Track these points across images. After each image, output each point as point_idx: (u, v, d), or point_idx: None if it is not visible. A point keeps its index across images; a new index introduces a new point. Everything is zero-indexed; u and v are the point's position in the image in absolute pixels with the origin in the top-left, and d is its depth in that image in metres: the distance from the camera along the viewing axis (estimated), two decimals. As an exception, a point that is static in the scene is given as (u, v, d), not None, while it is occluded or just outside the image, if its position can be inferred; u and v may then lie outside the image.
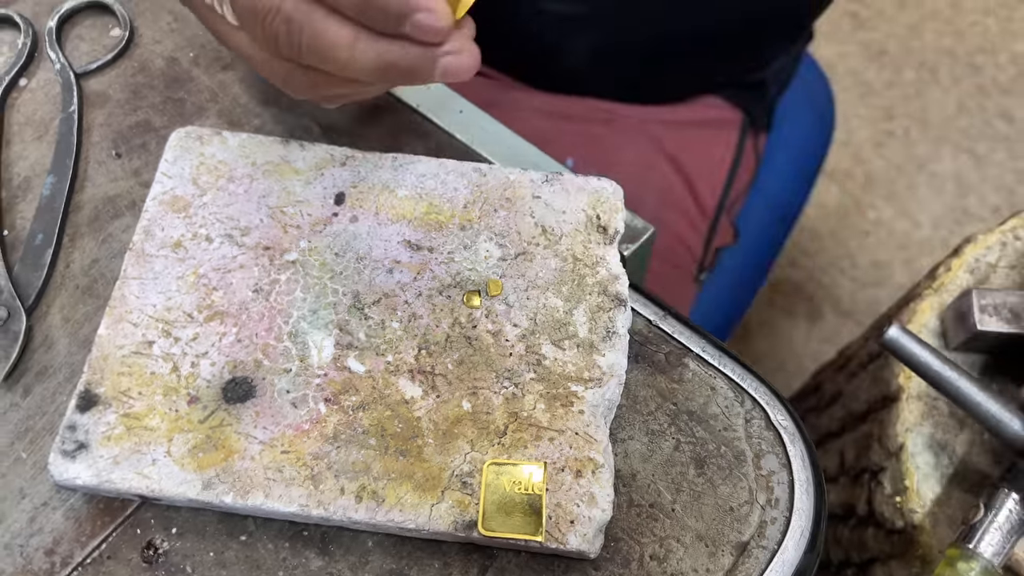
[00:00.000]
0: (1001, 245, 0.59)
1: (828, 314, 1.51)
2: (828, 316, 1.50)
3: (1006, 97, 1.70)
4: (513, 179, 0.41)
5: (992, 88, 1.71)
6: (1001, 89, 1.71)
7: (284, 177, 0.41)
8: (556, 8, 0.63)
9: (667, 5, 0.63)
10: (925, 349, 0.45)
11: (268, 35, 0.31)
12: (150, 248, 0.39)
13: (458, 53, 0.32)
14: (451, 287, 0.39)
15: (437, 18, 0.29)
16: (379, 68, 0.31)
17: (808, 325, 1.50)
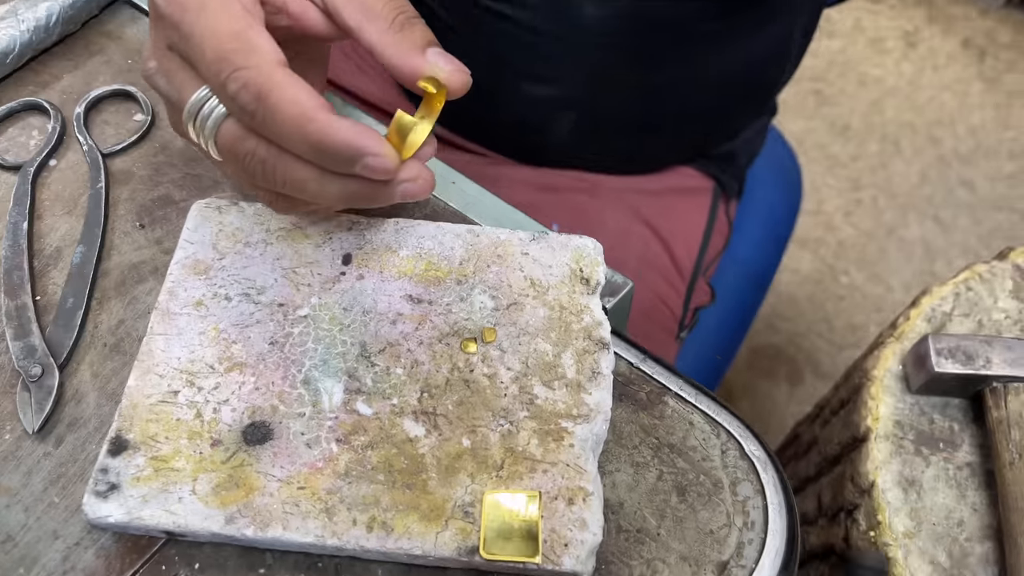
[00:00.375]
0: (955, 295, 0.63)
1: (808, 376, 1.55)
2: (808, 378, 1.55)
3: (966, 167, 1.78)
4: (503, 239, 0.45)
5: (952, 158, 1.80)
6: (961, 159, 1.79)
7: (296, 241, 0.45)
8: (536, 91, 0.69)
9: (641, 89, 0.69)
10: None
11: (247, 172, 0.37)
12: (174, 307, 0.43)
13: (413, 180, 0.38)
14: (449, 335, 0.42)
15: (384, 161, 0.35)
16: (345, 197, 0.37)
17: (789, 388, 1.54)
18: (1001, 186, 1.75)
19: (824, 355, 1.58)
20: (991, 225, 1.71)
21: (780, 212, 1.01)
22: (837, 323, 1.61)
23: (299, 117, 0.33)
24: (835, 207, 1.73)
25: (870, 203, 1.74)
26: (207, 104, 0.36)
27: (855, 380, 0.64)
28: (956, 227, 1.71)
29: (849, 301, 1.63)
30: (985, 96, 1.87)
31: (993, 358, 0.56)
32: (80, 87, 0.53)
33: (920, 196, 1.74)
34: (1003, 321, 0.62)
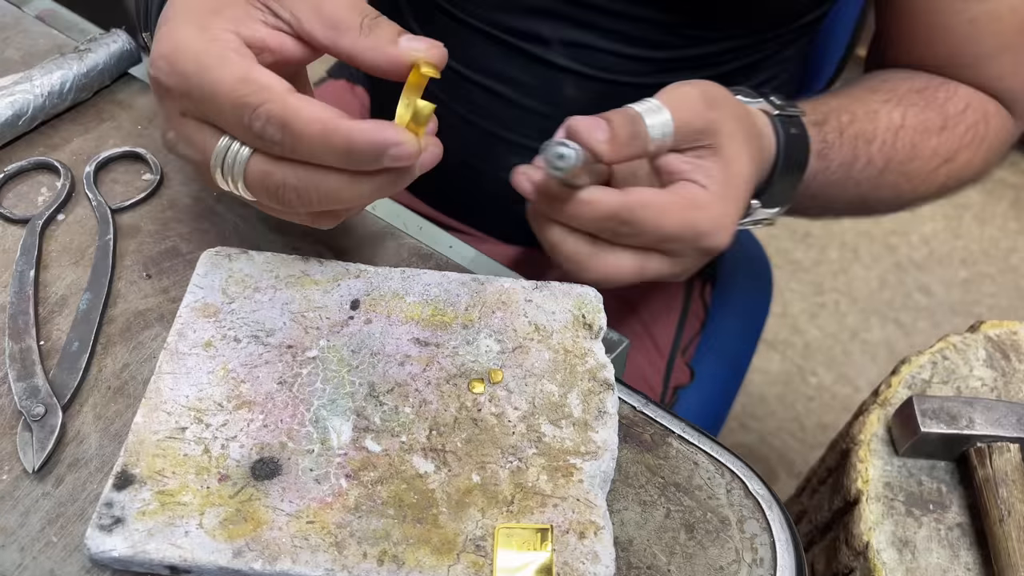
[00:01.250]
0: (932, 364, 0.65)
1: (782, 476, 1.55)
2: (782, 478, 1.55)
3: (922, 273, 1.86)
4: (507, 287, 0.47)
5: (908, 265, 1.87)
6: (916, 266, 1.87)
7: (305, 287, 0.46)
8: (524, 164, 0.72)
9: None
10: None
11: (282, 203, 0.39)
12: (183, 347, 0.43)
13: (425, 151, 0.40)
14: (457, 376, 0.43)
15: (407, 148, 0.36)
16: (377, 191, 0.39)
17: (764, 488, 1.54)
18: (956, 291, 1.82)
19: (796, 454, 1.59)
20: (950, 328, 1.76)
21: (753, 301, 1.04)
22: (807, 423, 1.63)
23: (323, 132, 0.35)
24: (800, 310, 1.77)
25: (833, 307, 1.79)
26: (230, 151, 0.38)
27: (841, 447, 0.65)
28: (916, 330, 1.76)
29: (818, 401, 1.65)
30: (935, 208, 1.97)
31: (976, 418, 0.57)
32: (90, 149, 0.55)
33: (880, 300, 1.80)
34: (980, 388, 0.64)
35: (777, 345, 1.71)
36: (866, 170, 0.58)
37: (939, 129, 0.60)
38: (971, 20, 0.58)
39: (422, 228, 0.57)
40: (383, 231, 0.52)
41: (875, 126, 0.57)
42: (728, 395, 0.96)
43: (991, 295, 1.81)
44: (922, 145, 0.59)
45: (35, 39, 0.62)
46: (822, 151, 0.55)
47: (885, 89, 0.60)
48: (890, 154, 0.58)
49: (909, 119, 0.58)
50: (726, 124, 0.44)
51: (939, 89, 0.61)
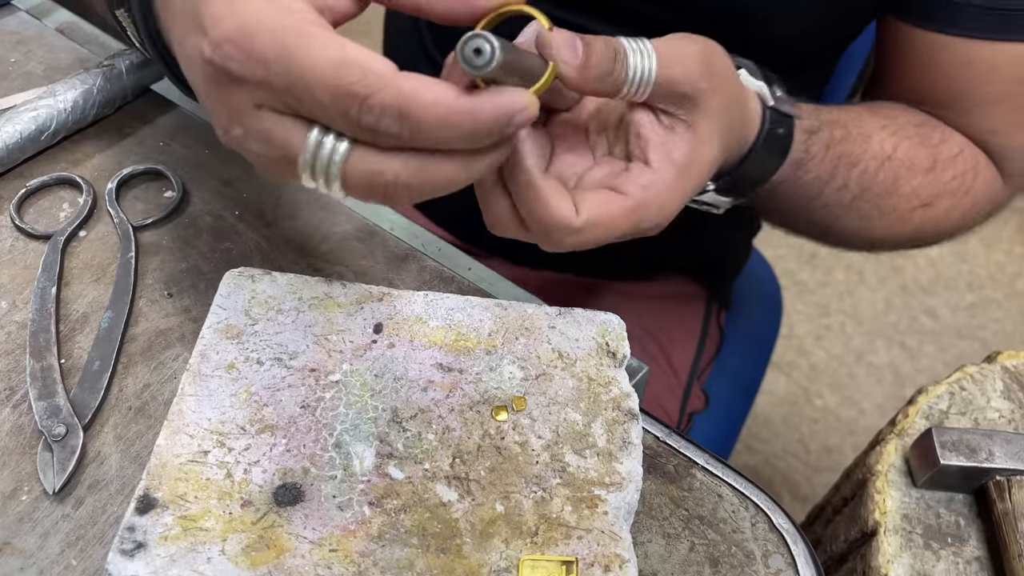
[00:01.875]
0: (949, 395, 0.65)
1: (787, 498, 1.54)
2: (787, 501, 1.54)
3: (928, 296, 1.85)
4: (530, 312, 0.46)
5: (914, 288, 1.87)
6: (922, 289, 1.87)
7: (328, 310, 0.46)
8: None
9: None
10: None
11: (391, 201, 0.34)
12: (206, 369, 0.43)
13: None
14: (480, 403, 0.43)
15: (528, 112, 0.32)
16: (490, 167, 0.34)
17: (769, 510, 1.53)
18: (962, 315, 1.82)
19: (800, 477, 1.58)
20: (956, 352, 1.76)
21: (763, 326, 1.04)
22: (812, 445, 1.62)
23: (446, 116, 0.30)
24: (806, 331, 1.77)
25: (839, 328, 1.79)
26: (323, 148, 0.31)
27: (857, 476, 0.65)
28: (922, 353, 1.75)
29: (823, 424, 1.65)
30: (942, 231, 1.97)
31: (995, 451, 0.57)
32: (112, 166, 0.55)
33: (886, 323, 1.80)
34: (997, 420, 0.64)
35: (783, 367, 1.71)
36: (839, 193, 0.56)
37: (926, 170, 0.57)
38: (968, 63, 0.56)
39: (440, 250, 0.57)
40: (405, 253, 0.52)
41: (864, 150, 0.55)
42: (739, 420, 0.96)
43: (997, 320, 1.81)
44: (904, 182, 0.57)
45: (57, 53, 0.62)
46: (800, 160, 0.52)
47: (886, 115, 0.58)
48: (869, 183, 0.56)
49: (899, 152, 0.56)
50: (712, 100, 0.40)
51: (935, 129, 0.59)
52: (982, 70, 0.56)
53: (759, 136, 0.47)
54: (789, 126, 0.49)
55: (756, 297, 1.04)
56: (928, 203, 0.59)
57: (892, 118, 0.58)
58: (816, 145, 0.53)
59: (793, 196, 0.55)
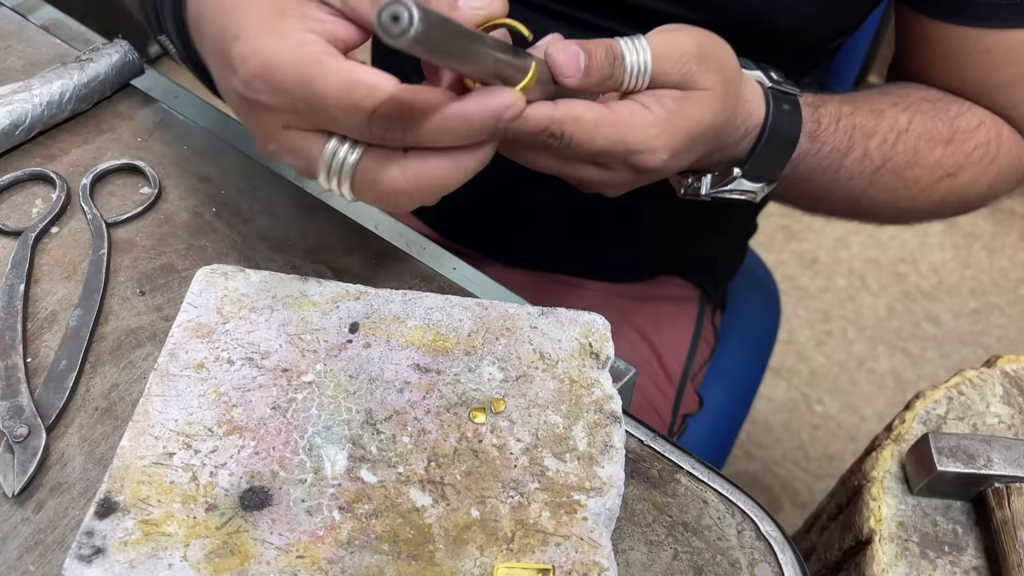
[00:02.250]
0: (947, 399, 0.63)
1: (787, 505, 1.52)
2: (787, 507, 1.52)
3: (930, 302, 1.83)
4: (512, 312, 0.45)
5: (917, 294, 1.85)
6: (925, 295, 1.85)
7: (302, 308, 0.44)
8: (535, 199, 0.71)
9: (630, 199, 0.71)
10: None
11: (392, 207, 0.38)
12: (174, 368, 0.41)
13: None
14: (457, 405, 0.41)
15: (516, 108, 0.35)
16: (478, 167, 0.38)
17: (768, 517, 1.51)
18: (965, 321, 1.80)
19: (801, 484, 1.56)
20: (958, 359, 1.74)
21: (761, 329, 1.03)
22: (813, 452, 1.60)
23: (441, 121, 0.35)
24: (806, 337, 1.75)
25: (840, 334, 1.77)
26: (336, 157, 0.36)
27: (853, 483, 0.63)
28: (924, 360, 1.74)
29: (824, 430, 1.63)
30: (944, 236, 1.95)
31: (994, 457, 0.55)
32: (88, 161, 0.53)
33: (888, 329, 1.78)
34: (997, 426, 0.62)
35: (783, 372, 1.69)
36: (861, 163, 0.56)
37: (946, 141, 0.58)
38: (985, 50, 0.57)
39: (425, 249, 0.55)
40: (386, 251, 0.51)
41: (877, 123, 0.56)
42: (736, 423, 0.94)
43: (1000, 326, 1.79)
44: (925, 153, 0.57)
45: (37, 48, 0.61)
46: (814, 132, 0.53)
47: (896, 94, 0.59)
48: (889, 154, 0.56)
49: (915, 125, 0.57)
50: (704, 78, 0.43)
51: (952, 103, 0.59)
52: (1000, 54, 0.56)
53: (767, 114, 0.49)
54: (794, 102, 0.50)
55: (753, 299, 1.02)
56: (953, 173, 0.59)
57: (904, 97, 0.58)
58: (825, 118, 0.53)
59: (815, 170, 0.55)
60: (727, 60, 0.45)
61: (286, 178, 0.56)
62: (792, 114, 0.50)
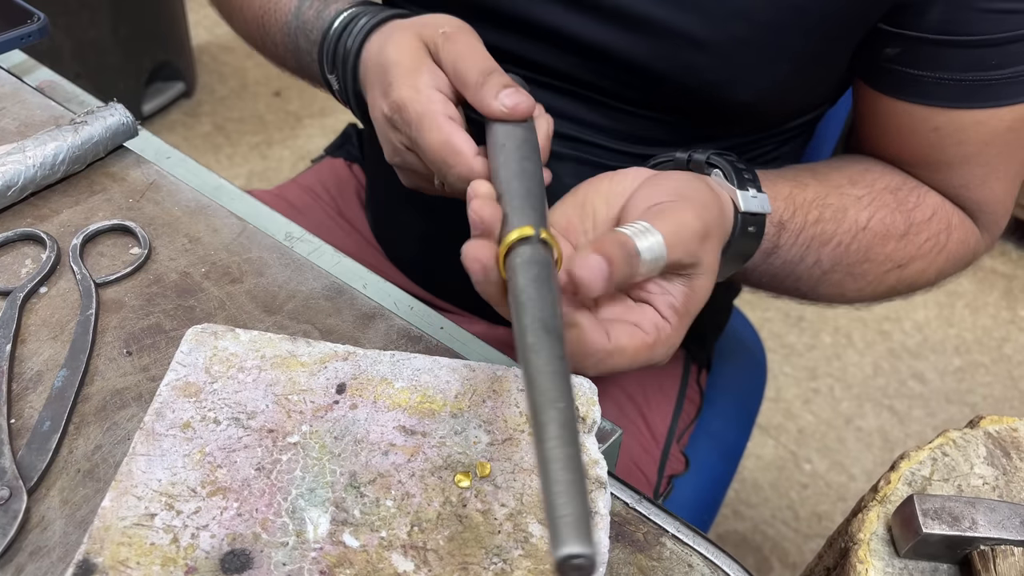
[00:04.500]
0: (932, 460, 0.64)
1: (776, 566, 1.51)
2: (777, 568, 1.50)
3: (916, 360, 1.85)
4: (499, 374, 0.45)
5: (902, 352, 1.86)
6: (910, 353, 1.86)
7: (291, 369, 0.45)
8: None
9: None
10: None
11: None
12: (160, 428, 0.41)
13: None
14: (442, 468, 0.41)
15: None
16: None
17: (758, 578, 1.50)
18: (950, 380, 1.81)
19: (790, 544, 1.55)
20: (945, 417, 1.74)
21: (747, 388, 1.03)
22: (802, 511, 1.59)
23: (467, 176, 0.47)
24: (793, 395, 1.76)
25: (827, 392, 1.77)
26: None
27: (840, 545, 0.63)
28: (911, 418, 1.74)
29: (812, 489, 1.62)
30: (928, 295, 1.98)
31: (979, 519, 0.55)
32: (79, 222, 0.54)
33: (874, 387, 1.79)
34: (981, 487, 0.62)
35: (771, 430, 1.69)
36: (811, 269, 0.59)
37: (900, 235, 0.60)
38: (935, 129, 0.58)
39: (413, 308, 0.56)
40: (373, 311, 0.51)
41: (837, 227, 0.58)
42: (723, 483, 0.94)
43: (985, 384, 1.80)
44: (877, 249, 0.59)
45: (32, 110, 0.62)
46: (770, 250, 0.56)
47: (864, 183, 0.60)
48: (841, 257, 0.59)
49: (874, 223, 0.59)
50: (709, 255, 0.44)
51: (912, 192, 0.61)
52: (949, 133, 0.57)
53: (733, 233, 0.50)
54: (760, 224, 0.51)
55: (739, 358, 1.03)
56: (903, 265, 0.61)
57: (870, 186, 0.60)
58: (786, 235, 0.56)
59: (764, 276, 0.58)
60: (720, 223, 0.47)
61: (275, 238, 0.56)
62: (753, 236, 0.51)
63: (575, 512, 0.30)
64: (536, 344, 0.35)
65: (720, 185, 0.51)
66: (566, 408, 0.33)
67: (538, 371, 0.34)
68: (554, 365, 0.35)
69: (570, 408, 0.33)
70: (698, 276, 0.44)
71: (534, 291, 0.37)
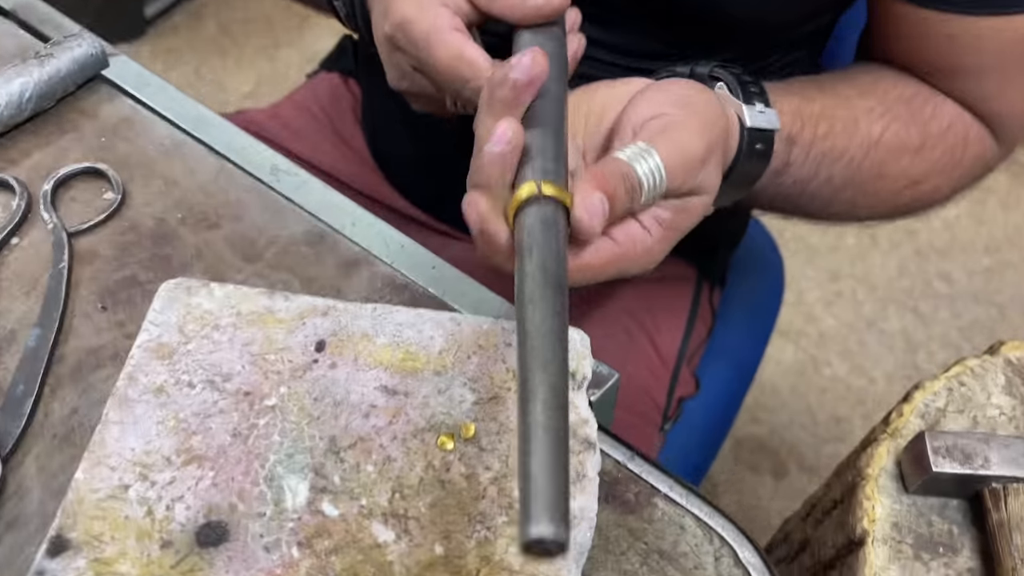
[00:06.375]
0: (947, 391, 0.62)
1: (793, 470, 1.51)
2: (793, 472, 1.51)
3: (943, 260, 1.80)
4: (486, 328, 0.43)
5: (929, 251, 1.81)
6: (938, 252, 1.81)
7: (267, 326, 0.43)
8: None
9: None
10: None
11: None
12: (133, 393, 0.40)
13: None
14: (425, 431, 0.40)
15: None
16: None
17: (774, 481, 1.51)
18: (979, 280, 1.77)
19: (808, 448, 1.55)
20: (971, 318, 1.71)
21: (763, 302, 1.00)
22: (820, 416, 1.59)
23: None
24: (815, 298, 1.73)
25: (850, 295, 1.74)
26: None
27: (848, 478, 0.61)
28: (936, 320, 1.71)
29: (832, 393, 1.61)
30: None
31: (991, 457, 0.54)
32: (50, 164, 0.52)
33: (899, 288, 1.75)
34: (998, 418, 0.60)
35: (791, 335, 1.67)
36: (823, 187, 0.56)
37: (915, 149, 0.56)
38: (950, 36, 0.54)
39: (404, 247, 0.54)
40: (356, 259, 0.49)
41: (848, 142, 0.54)
42: (735, 402, 0.93)
43: (1014, 284, 1.75)
44: (892, 165, 0.56)
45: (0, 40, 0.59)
46: (780, 169, 0.52)
47: (876, 93, 0.56)
48: (854, 174, 0.55)
49: (888, 136, 0.55)
50: (711, 178, 0.42)
51: (927, 103, 0.57)
52: (965, 41, 0.54)
53: (738, 155, 0.47)
54: (768, 142, 0.48)
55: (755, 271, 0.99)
56: (918, 181, 0.58)
57: (882, 97, 0.56)
58: (797, 150, 0.52)
59: (774, 197, 0.55)
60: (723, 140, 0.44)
61: (255, 176, 0.54)
62: (761, 156, 0.48)
63: (550, 491, 0.28)
64: (534, 295, 0.33)
65: (725, 99, 0.47)
66: (557, 372, 0.31)
67: (534, 327, 0.32)
68: (551, 323, 0.33)
69: (562, 373, 0.32)
70: (689, 207, 0.42)
71: (541, 237, 0.35)
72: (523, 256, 0.35)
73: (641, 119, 0.41)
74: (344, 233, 0.53)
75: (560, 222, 0.36)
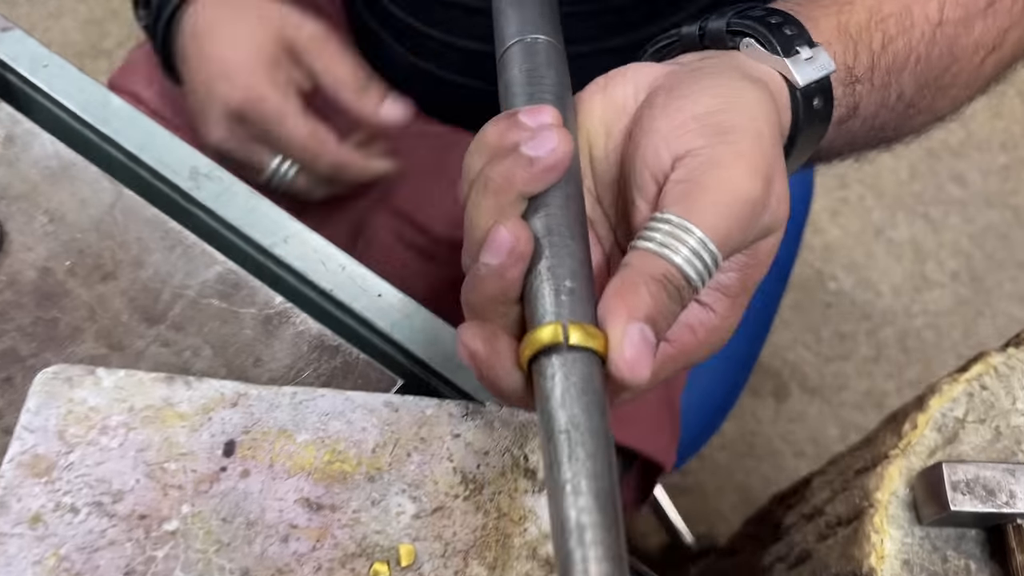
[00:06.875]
0: (968, 396, 0.55)
1: (795, 391, 1.47)
2: (795, 393, 1.47)
3: (957, 160, 1.70)
4: (429, 414, 0.36)
5: (942, 151, 1.71)
6: (951, 152, 1.71)
7: (166, 424, 0.36)
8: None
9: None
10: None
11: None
12: (3, 526, 0.33)
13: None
14: (356, 556, 0.34)
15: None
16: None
17: (776, 404, 1.47)
18: (994, 180, 1.67)
19: (811, 368, 1.51)
20: (983, 223, 1.63)
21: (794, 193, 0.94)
22: (824, 333, 1.53)
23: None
24: (821, 207, 1.64)
25: (857, 202, 1.65)
26: (281, 170, 0.56)
27: (855, 500, 0.56)
28: (947, 226, 1.63)
29: (836, 308, 1.55)
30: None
31: (1017, 492, 0.48)
32: (-87, 198, 0.43)
33: (909, 193, 1.66)
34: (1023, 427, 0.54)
35: (794, 248, 1.59)
36: (894, 108, 0.46)
37: (983, 9, 0.47)
38: None
39: (345, 268, 0.46)
40: (278, 313, 0.41)
41: (909, 40, 0.45)
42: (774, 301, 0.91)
43: (1031, 184, 1.66)
44: (963, 41, 0.47)
45: None
46: (847, 116, 0.42)
47: None
48: (924, 73, 0.46)
49: (948, 9, 0.46)
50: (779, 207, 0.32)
51: None
52: None
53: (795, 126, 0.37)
54: (826, 91, 0.38)
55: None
56: (996, 45, 0.49)
57: None
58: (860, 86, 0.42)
59: (842, 148, 0.46)
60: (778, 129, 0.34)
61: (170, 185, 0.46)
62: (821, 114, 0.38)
63: None
64: (586, 524, 0.24)
65: (759, 62, 0.37)
66: None
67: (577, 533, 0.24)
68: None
69: None
70: (762, 239, 0.33)
71: (576, 409, 0.26)
72: (554, 434, 0.26)
73: (663, 164, 0.31)
74: (274, 252, 0.46)
75: (596, 379, 0.27)
